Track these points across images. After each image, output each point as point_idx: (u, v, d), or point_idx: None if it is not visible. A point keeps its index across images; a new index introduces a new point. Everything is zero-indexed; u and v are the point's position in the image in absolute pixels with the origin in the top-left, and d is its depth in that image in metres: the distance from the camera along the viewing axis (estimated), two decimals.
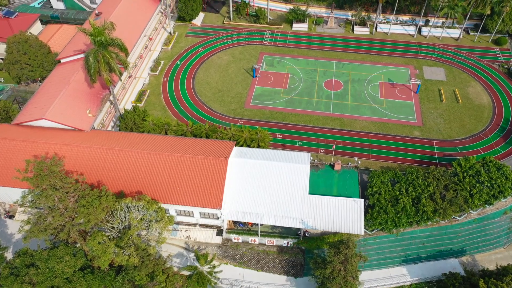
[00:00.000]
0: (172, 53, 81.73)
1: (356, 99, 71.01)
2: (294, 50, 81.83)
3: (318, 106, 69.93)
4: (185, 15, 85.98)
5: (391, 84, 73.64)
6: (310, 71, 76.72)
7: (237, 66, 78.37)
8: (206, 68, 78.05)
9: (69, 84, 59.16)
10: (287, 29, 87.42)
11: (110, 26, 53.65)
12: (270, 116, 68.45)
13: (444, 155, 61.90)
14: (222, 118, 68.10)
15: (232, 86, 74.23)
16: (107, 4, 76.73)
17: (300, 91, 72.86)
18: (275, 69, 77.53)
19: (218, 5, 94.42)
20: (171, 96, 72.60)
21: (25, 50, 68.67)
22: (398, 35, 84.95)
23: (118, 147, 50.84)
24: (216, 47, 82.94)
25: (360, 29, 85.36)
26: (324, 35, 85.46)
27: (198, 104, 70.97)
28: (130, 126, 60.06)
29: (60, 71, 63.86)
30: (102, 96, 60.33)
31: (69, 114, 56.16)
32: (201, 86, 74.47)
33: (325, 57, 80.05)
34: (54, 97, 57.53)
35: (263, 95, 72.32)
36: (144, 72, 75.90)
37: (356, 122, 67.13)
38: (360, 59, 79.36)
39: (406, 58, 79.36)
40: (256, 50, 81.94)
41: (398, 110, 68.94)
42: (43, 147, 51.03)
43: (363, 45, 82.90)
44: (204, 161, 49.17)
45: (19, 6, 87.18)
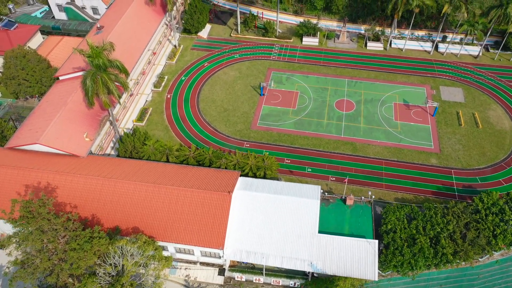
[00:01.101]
0: (177, 67, 78.41)
1: (369, 122, 67.15)
2: (303, 66, 78.12)
3: (329, 129, 66.18)
4: (190, 28, 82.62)
5: (406, 105, 69.67)
6: (320, 90, 72.98)
7: (244, 82, 74.86)
8: (211, 85, 74.63)
9: (66, 105, 56.01)
10: (297, 43, 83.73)
11: (109, 47, 50.40)
12: (277, 138, 64.84)
13: (463, 186, 57.86)
14: (227, 140, 64.62)
15: (239, 104, 70.71)
16: (110, 16, 73.61)
17: (309, 111, 69.15)
18: (284, 86, 73.87)
19: (226, 16, 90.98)
20: (174, 114, 69.23)
21: (23, 65, 65.69)
22: (413, 52, 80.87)
23: (115, 177, 47.53)
24: (223, 61, 79.48)
25: (373, 45, 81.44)
26: (335, 50, 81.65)
27: (202, 124, 67.55)
28: (129, 150, 56.76)
29: (58, 90, 60.79)
30: (100, 118, 57.14)
31: (65, 139, 52.99)
32: (206, 104, 71.05)
33: (337, 74, 76.24)
34: (49, 119, 54.43)
35: (270, 115, 68.72)
36: (147, 88, 72.65)
37: (369, 147, 63.28)
38: (373, 77, 75.45)
39: (422, 77, 75.29)
40: (264, 66, 78.35)
41: (413, 134, 64.98)
42: (36, 176, 47.89)
43: (376, 61, 78.95)
44: (206, 196, 45.69)
45: (20, 16, 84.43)
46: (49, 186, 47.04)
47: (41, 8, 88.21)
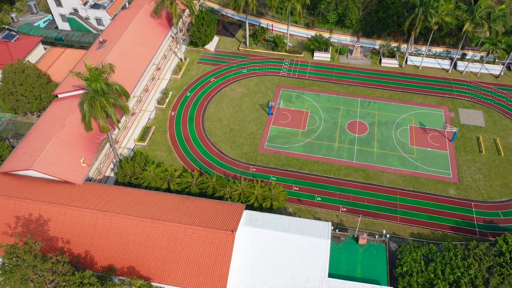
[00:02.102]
0: (182, 82, 75.28)
1: (383, 146, 63.40)
2: (314, 84, 74.52)
3: (340, 153, 62.55)
4: (197, 41, 79.44)
5: (422, 129, 65.77)
6: (331, 110, 69.34)
7: (252, 100, 71.47)
8: (217, 102, 71.37)
9: (63, 127, 53.08)
10: (308, 58, 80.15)
11: (108, 69, 47.35)
12: (286, 163, 61.36)
13: (484, 221, 53.91)
14: (232, 163, 61.31)
15: (245, 124, 67.35)
16: (113, 30, 70.76)
17: (320, 133, 65.56)
18: (293, 105, 70.36)
19: (234, 28, 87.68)
20: (178, 134, 66.10)
21: (21, 80, 63.03)
22: (430, 70, 76.85)
23: (111, 210, 44.43)
24: (230, 77, 76.18)
25: (388, 61, 77.56)
26: (348, 67, 77.91)
27: (207, 145, 64.31)
28: (129, 175, 53.69)
29: (56, 109, 57.97)
30: (99, 141, 54.15)
31: (61, 164, 50.06)
32: (211, 123, 67.81)
33: (349, 93, 72.53)
34: (45, 142, 51.53)
35: (279, 136, 65.28)
36: (150, 105, 69.62)
37: (382, 175, 59.54)
38: (387, 97, 71.62)
39: (439, 98, 71.27)
40: (273, 82, 74.89)
41: (430, 161, 61.08)
42: (27, 207, 44.95)
43: (391, 79, 75.08)
44: (208, 235, 42.40)
45: (22, 25, 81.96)
46: (41, 218, 44.13)
47: (44, 17, 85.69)
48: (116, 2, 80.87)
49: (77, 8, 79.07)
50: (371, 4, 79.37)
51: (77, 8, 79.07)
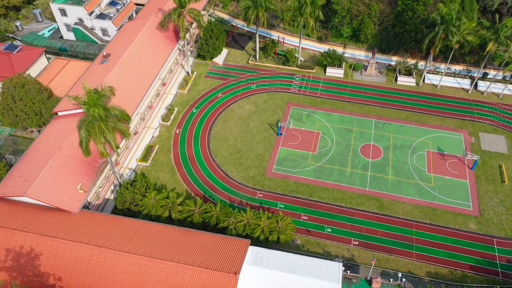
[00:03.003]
0: (188, 98, 72.34)
1: (398, 173, 59.76)
2: (326, 102, 71.07)
3: (353, 180, 59.06)
4: (205, 54, 76.48)
5: (440, 154, 61.99)
6: (344, 131, 65.84)
7: (260, 118, 68.26)
8: (224, 120, 68.30)
9: (60, 149, 50.45)
10: (320, 73, 76.70)
11: (108, 93, 44.52)
12: (294, 189, 58.05)
13: (507, 261, 50.05)
14: (238, 188, 58.20)
15: (253, 145, 64.17)
16: (118, 42, 68.08)
17: (331, 157, 62.13)
18: (304, 125, 66.98)
19: (244, 40, 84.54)
20: (182, 154, 63.15)
21: (21, 95, 60.58)
22: (449, 89, 72.90)
23: (106, 245, 41.55)
24: (238, 92, 73.08)
25: (404, 79, 73.76)
26: (362, 84, 74.30)
27: (212, 166, 61.27)
28: (128, 202, 50.83)
29: (54, 128, 55.43)
30: (98, 165, 51.40)
31: (57, 190, 47.35)
32: (217, 142, 64.75)
33: (363, 113, 68.93)
34: (41, 165, 48.92)
35: (288, 159, 61.97)
36: (155, 122, 66.78)
37: (397, 205, 55.92)
38: (403, 118, 67.89)
39: (459, 120, 67.35)
40: (283, 100, 71.60)
41: (449, 191, 57.32)
42: (19, 238, 42.25)
43: (407, 99, 71.30)
44: (209, 276, 39.30)
45: (27, 34, 79.77)
46: (32, 252, 41.46)
47: (50, 26, 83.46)
48: (122, 12, 78.32)
49: (82, 18, 76.63)
50: (387, 18, 75.69)
51: (82, 18, 76.63)
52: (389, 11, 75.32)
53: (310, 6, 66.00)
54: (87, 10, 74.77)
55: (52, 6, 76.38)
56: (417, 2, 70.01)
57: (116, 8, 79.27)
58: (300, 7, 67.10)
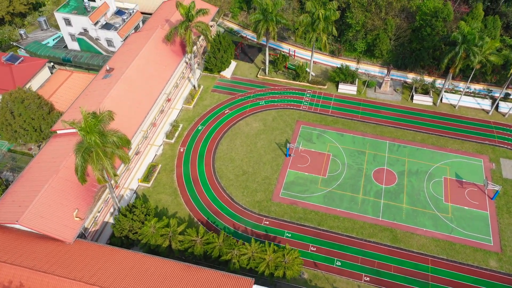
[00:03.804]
0: (194, 113, 69.58)
1: (413, 201, 56.31)
2: (338, 121, 67.78)
3: (365, 208, 55.76)
4: (213, 67, 73.72)
5: (459, 182, 58.40)
6: (356, 154, 62.53)
7: (268, 138, 65.23)
8: (231, 138, 65.40)
9: (57, 173, 47.95)
10: (332, 90, 73.44)
11: (107, 118, 41.83)
12: (303, 216, 54.92)
13: None
14: (243, 214, 55.25)
15: (260, 166, 61.16)
16: (122, 56, 65.54)
17: (342, 182, 58.88)
18: (314, 146, 63.83)
19: (253, 52, 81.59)
20: (185, 174, 60.36)
21: (20, 111, 58.37)
22: (468, 110, 69.15)
23: (100, 283, 38.81)
24: (246, 108, 70.11)
25: (421, 98, 70.17)
26: (376, 102, 70.87)
27: (216, 189, 58.40)
28: (127, 230, 48.14)
29: (52, 148, 53.00)
30: (96, 189, 48.81)
31: (51, 217, 44.82)
32: (223, 162, 61.87)
33: (376, 134, 65.53)
34: (36, 190, 46.45)
35: (296, 183, 58.87)
36: (158, 139, 64.13)
37: (412, 237, 52.50)
38: (419, 141, 64.35)
39: (478, 144, 63.62)
40: (293, 117, 68.48)
41: (468, 223, 53.75)
42: (8, 272, 39.76)
43: (423, 120, 67.68)
44: None
45: (30, 43, 77.72)
46: None
47: (54, 34, 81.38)
48: (128, 23, 75.86)
49: (87, 28, 74.30)
50: (404, 34, 72.13)
51: (87, 28, 74.30)
52: (406, 26, 71.78)
53: (323, 22, 62.80)
54: (92, 20, 72.42)
55: (56, 15, 74.21)
56: (436, 18, 66.42)
57: (122, 18, 76.87)
58: (313, 22, 63.93)
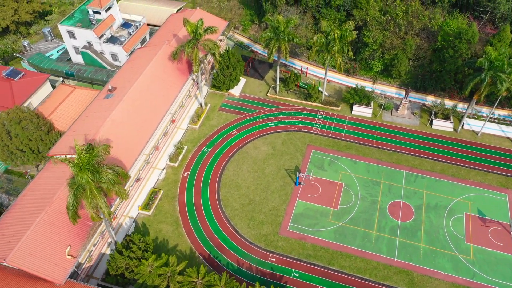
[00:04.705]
0: (200, 134, 66.25)
1: (432, 240, 52.23)
2: (351, 146, 63.88)
3: (379, 245, 51.84)
4: (220, 85, 70.38)
5: (481, 219, 54.17)
6: (370, 184, 58.61)
7: (277, 163, 61.62)
8: (237, 162, 61.93)
9: (50, 205, 44.96)
10: (346, 111, 69.50)
11: (102, 152, 38.68)
12: (312, 253, 51.19)
13: None
14: (248, 248, 51.72)
15: (268, 195, 57.60)
16: (126, 74, 62.49)
17: (355, 215, 55.03)
18: (325, 174, 60.06)
19: (264, 68, 77.98)
20: (188, 202, 57.04)
21: (17, 132, 55.62)
22: (492, 138, 64.69)
23: None
24: (254, 130, 66.57)
25: (440, 124, 65.92)
26: (392, 126, 66.76)
27: (220, 219, 54.97)
28: (122, 268, 44.96)
29: (48, 174, 50.09)
30: (91, 224, 45.66)
31: (41, 255, 41.78)
32: (228, 190, 58.44)
33: (392, 162, 61.49)
34: (27, 223, 43.49)
35: (305, 215, 55.17)
36: (161, 162, 60.92)
37: (430, 282, 48.43)
38: (438, 171, 60.16)
39: (503, 177, 59.20)
40: (303, 141, 64.75)
41: (492, 267, 49.51)
42: None
43: (443, 147, 63.45)
44: None
45: (33, 55, 75.09)
46: None
47: (59, 46, 78.73)
48: (134, 36, 72.82)
49: (91, 41, 71.47)
50: (424, 54, 67.92)
51: (91, 41, 71.47)
52: (427, 47, 67.58)
53: (339, 43, 59.00)
54: (97, 33, 69.53)
55: (60, 28, 71.50)
56: (459, 40, 62.15)
57: (128, 32, 73.89)
58: (328, 43, 60.15)
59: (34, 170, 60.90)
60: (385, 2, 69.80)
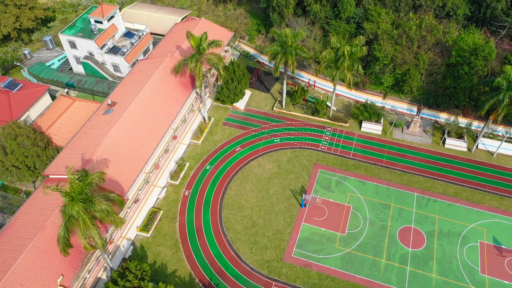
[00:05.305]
0: (202, 150, 63.92)
1: (445, 271, 49.42)
2: (360, 166, 61.20)
3: (388, 275, 49.15)
4: (225, 99, 68.02)
5: (497, 248, 51.25)
6: (380, 207, 55.91)
7: (282, 183, 59.11)
8: (241, 181, 59.50)
9: (43, 230, 42.81)
10: (354, 128, 66.82)
11: (96, 180, 36.42)
12: (317, 282, 48.60)
13: None
14: (250, 275, 49.26)
15: (272, 218, 55.11)
16: (127, 88, 60.33)
17: (363, 241, 52.37)
18: (333, 195, 57.44)
19: (270, 81, 75.36)
20: (189, 223, 54.73)
21: (13, 148, 53.69)
22: (508, 159, 61.66)
23: None
24: (259, 146, 64.11)
25: (454, 143, 62.99)
26: (403, 145, 63.95)
27: (222, 243, 52.57)
28: None
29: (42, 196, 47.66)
30: (85, 252, 43.45)
31: (32, 284, 39.66)
32: (230, 211, 56.05)
33: (403, 183, 58.73)
34: (18, 250, 41.42)
35: (311, 240, 52.61)
36: (162, 179, 58.65)
37: None
38: (451, 194, 57.32)
39: None
40: (310, 159, 62.17)
41: None
42: None
43: (457, 168, 60.57)
44: None
45: (34, 65, 73.21)
46: None
47: (60, 55, 76.79)
48: (136, 47, 70.65)
49: (92, 52, 69.42)
50: (438, 70, 65.02)
51: (92, 52, 69.42)
52: (440, 62, 64.68)
53: (349, 59, 56.35)
54: (98, 44, 67.45)
55: (61, 38, 69.52)
56: (475, 56, 59.21)
57: (130, 42, 71.74)
58: (337, 59, 57.52)
59: (31, 186, 58.95)
60: (397, 14, 67.00)
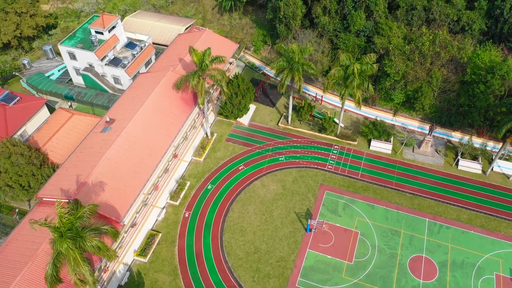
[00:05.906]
0: (204, 168, 61.47)
1: None
2: (369, 188, 58.46)
3: None
4: (228, 114, 65.56)
5: None
6: (389, 234, 53.14)
7: (287, 205, 56.51)
8: (244, 203, 56.98)
9: (33, 259, 40.54)
10: (363, 146, 64.08)
11: (87, 214, 34.08)
12: None
13: None
14: None
15: (275, 243, 52.55)
16: (126, 103, 58.05)
17: (371, 271, 49.62)
18: (339, 220, 54.76)
19: (276, 94, 72.62)
20: (188, 248, 52.28)
21: (6, 167, 51.59)
22: None
23: None
24: (263, 165, 61.56)
25: (467, 164, 60.04)
26: (414, 166, 61.10)
27: (222, 270, 50.06)
28: None
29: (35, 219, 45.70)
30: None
31: None
32: (232, 234, 53.53)
33: (413, 208, 55.89)
34: (7, 282, 39.18)
35: (316, 269, 49.95)
36: (161, 199, 56.26)
37: None
38: (465, 221, 54.41)
39: None
40: (316, 180, 59.51)
41: None
42: None
43: (470, 192, 57.63)
44: None
45: (33, 75, 71.18)
46: None
47: (61, 64, 74.59)
48: (138, 59, 68.33)
49: (92, 63, 67.23)
50: (452, 88, 62.09)
51: (92, 63, 67.23)
52: (455, 79, 61.77)
53: (358, 78, 53.65)
54: (98, 56, 65.26)
55: (60, 49, 67.44)
56: (492, 75, 56.27)
57: (132, 53, 69.48)
58: (346, 77, 54.85)
59: (26, 205, 56.84)
60: (410, 28, 64.16)
